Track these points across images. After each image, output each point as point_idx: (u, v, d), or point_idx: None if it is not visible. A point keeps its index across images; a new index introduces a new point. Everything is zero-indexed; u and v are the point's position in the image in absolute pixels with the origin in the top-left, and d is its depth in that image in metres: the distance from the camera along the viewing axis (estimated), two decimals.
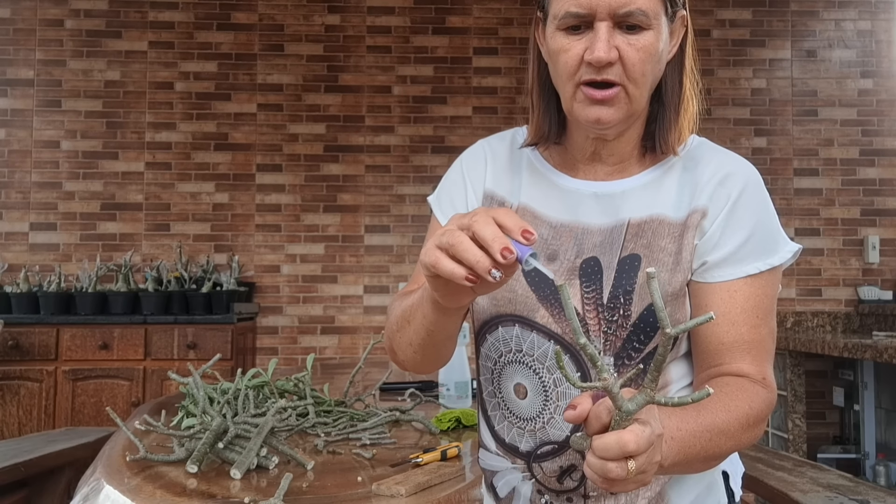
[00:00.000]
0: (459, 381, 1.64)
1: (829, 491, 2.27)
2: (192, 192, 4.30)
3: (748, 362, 0.90)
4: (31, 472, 2.34)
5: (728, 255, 0.91)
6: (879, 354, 2.98)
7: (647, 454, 0.68)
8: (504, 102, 4.39)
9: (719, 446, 0.83)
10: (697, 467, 0.86)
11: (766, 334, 0.92)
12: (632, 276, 0.90)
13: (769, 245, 0.92)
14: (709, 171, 0.94)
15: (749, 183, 0.94)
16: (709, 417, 0.83)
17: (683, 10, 0.93)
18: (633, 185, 0.95)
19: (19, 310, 3.79)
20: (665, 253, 0.91)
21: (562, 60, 0.89)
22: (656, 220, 0.93)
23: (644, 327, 0.90)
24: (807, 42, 4.46)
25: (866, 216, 4.37)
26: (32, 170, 4.27)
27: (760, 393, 0.89)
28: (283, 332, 4.28)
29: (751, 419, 0.86)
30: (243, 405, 1.26)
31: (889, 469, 3.58)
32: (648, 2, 0.85)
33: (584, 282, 0.91)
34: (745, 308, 0.91)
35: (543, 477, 0.96)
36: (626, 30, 0.86)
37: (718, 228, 0.92)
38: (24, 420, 3.63)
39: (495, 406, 1.00)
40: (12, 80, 4.29)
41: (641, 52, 0.86)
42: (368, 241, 4.33)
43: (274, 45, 4.37)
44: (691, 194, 0.93)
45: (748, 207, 0.93)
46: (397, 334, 0.96)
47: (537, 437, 0.96)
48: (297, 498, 0.93)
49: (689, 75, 0.97)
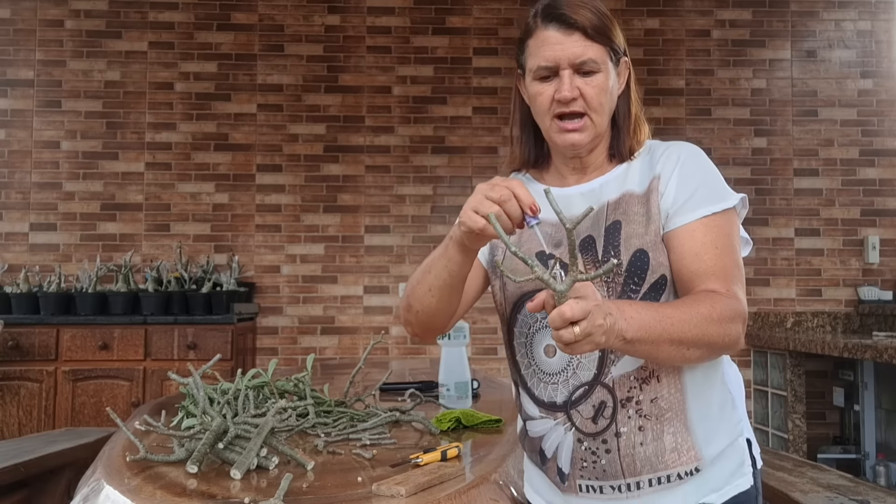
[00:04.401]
0: (459, 381, 1.64)
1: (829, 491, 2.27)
2: (192, 192, 4.30)
3: (715, 283, 1.10)
4: (31, 472, 2.34)
5: (683, 203, 1.15)
6: (879, 354, 2.98)
7: (588, 320, 0.91)
8: (504, 103, 4.39)
9: (683, 332, 1.03)
10: (667, 350, 1.04)
11: (730, 263, 1.13)
12: (616, 237, 1.16)
13: (718, 195, 1.17)
14: (659, 151, 1.22)
15: (691, 151, 1.22)
16: (669, 307, 1.05)
17: (626, 56, 1.23)
18: (608, 179, 1.24)
19: (19, 310, 3.79)
20: (638, 215, 1.17)
21: (538, 101, 1.20)
22: (627, 195, 1.20)
23: (635, 269, 1.14)
24: (807, 42, 4.46)
25: (866, 216, 4.37)
26: (32, 170, 4.27)
27: (723, 300, 1.08)
28: (283, 332, 4.28)
29: (714, 314, 1.05)
30: (243, 405, 1.26)
31: (889, 469, 3.58)
32: (597, 53, 1.17)
33: (583, 253, 1.18)
34: (705, 242, 1.13)
35: (581, 421, 1.16)
36: (583, 74, 1.17)
37: (672, 185, 1.17)
38: (24, 420, 3.63)
39: (531, 374, 1.23)
40: (12, 80, 4.29)
41: (596, 88, 1.17)
42: (368, 241, 4.33)
43: (274, 45, 4.37)
44: (650, 170, 1.21)
45: (693, 166, 1.19)
46: (417, 287, 1.23)
47: (570, 384, 1.18)
48: (297, 498, 0.93)
49: (635, 103, 1.27)
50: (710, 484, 1.16)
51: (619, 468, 1.14)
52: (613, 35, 1.19)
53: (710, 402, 1.18)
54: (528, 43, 1.21)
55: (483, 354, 4.27)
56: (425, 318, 1.26)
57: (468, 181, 4.35)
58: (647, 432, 1.14)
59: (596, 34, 1.16)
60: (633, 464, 1.14)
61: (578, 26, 1.15)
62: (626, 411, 1.14)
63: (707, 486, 1.16)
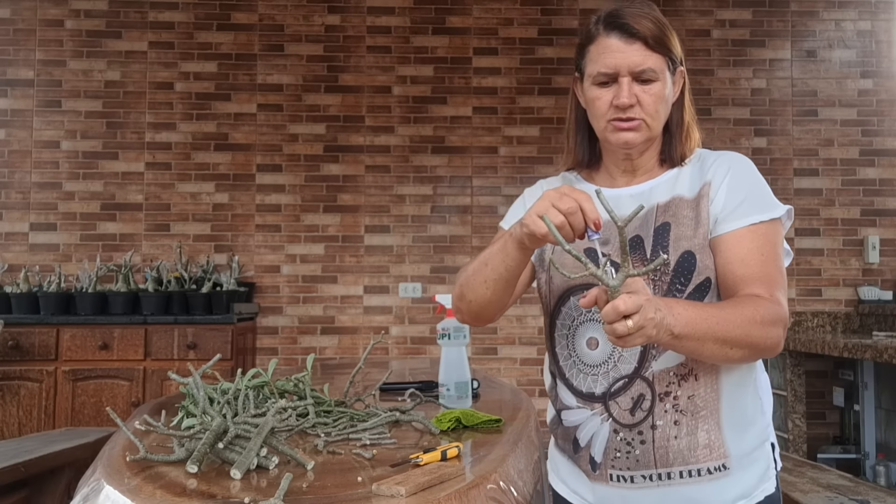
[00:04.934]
0: (459, 381, 1.63)
1: (829, 491, 2.27)
2: (192, 192, 4.30)
3: (759, 288, 1.15)
4: (31, 472, 2.34)
5: (731, 210, 1.20)
6: (879, 354, 2.98)
7: (640, 313, 0.96)
8: (504, 102, 4.39)
9: (727, 331, 1.07)
10: (711, 348, 1.08)
11: (774, 270, 1.18)
12: (665, 238, 1.21)
13: (765, 204, 1.21)
14: (711, 160, 1.28)
15: (742, 161, 1.27)
16: (715, 308, 1.10)
17: (682, 66, 1.28)
18: (658, 182, 1.29)
19: (19, 310, 3.79)
20: (687, 218, 1.22)
21: (596, 105, 1.25)
22: (676, 199, 1.25)
23: (682, 270, 1.20)
24: (807, 42, 4.46)
25: (866, 216, 4.37)
26: (32, 170, 4.28)
27: (766, 304, 1.12)
28: (283, 332, 4.29)
29: (757, 317, 1.10)
30: (243, 405, 1.26)
31: (889, 469, 3.58)
32: (657, 62, 1.21)
33: (631, 252, 1.22)
34: (752, 249, 1.18)
35: (619, 412, 1.22)
36: (641, 82, 1.21)
37: (722, 192, 1.22)
38: (24, 420, 3.63)
39: (571, 365, 1.29)
40: (12, 80, 4.29)
41: (653, 96, 1.22)
42: (368, 241, 4.33)
43: (274, 45, 4.37)
44: (700, 177, 1.26)
45: (743, 175, 1.24)
46: (473, 278, 1.28)
47: (610, 376, 1.23)
48: (297, 498, 0.93)
49: (688, 111, 1.31)
50: (738, 486, 1.21)
51: (652, 459, 1.20)
52: (672, 45, 1.24)
53: (742, 404, 1.23)
54: (588, 49, 1.26)
55: (483, 354, 4.27)
56: (477, 308, 1.31)
57: (468, 181, 4.35)
58: (681, 427, 1.19)
59: (656, 44, 1.21)
60: (666, 455, 1.19)
61: (640, 36, 1.20)
62: (664, 405, 1.20)
63: (735, 488, 1.21)
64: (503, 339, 4.29)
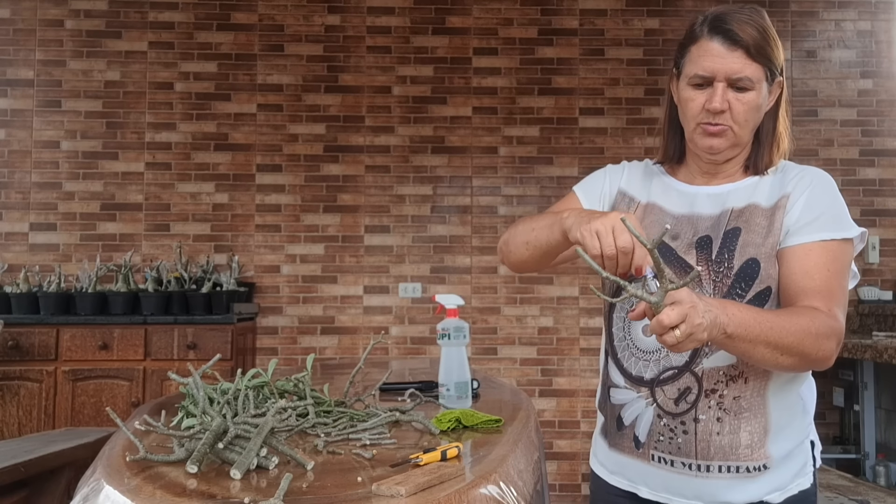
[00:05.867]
0: (459, 381, 1.63)
1: (829, 491, 2.27)
2: (192, 192, 4.30)
3: (818, 301, 1.16)
4: (31, 472, 2.34)
5: (805, 224, 1.21)
6: (879, 355, 2.98)
7: (686, 322, 0.98)
8: (504, 103, 4.39)
9: (780, 337, 1.09)
10: (762, 352, 1.10)
11: (836, 287, 1.19)
12: (734, 242, 1.23)
13: (840, 223, 1.23)
14: (793, 173, 1.30)
15: (824, 178, 1.29)
16: (771, 313, 1.12)
17: (781, 76, 1.29)
18: (736, 187, 1.31)
19: (19, 310, 3.79)
20: (759, 227, 1.24)
21: (689, 106, 1.26)
22: (752, 206, 1.26)
23: (744, 276, 1.21)
24: (807, 42, 4.46)
25: (866, 216, 4.36)
26: (32, 170, 4.27)
27: (822, 317, 1.14)
28: (283, 332, 4.29)
29: (812, 328, 1.11)
30: (243, 405, 1.26)
31: (889, 469, 3.58)
32: (755, 72, 1.22)
33: (699, 250, 1.26)
34: (818, 264, 1.19)
35: (664, 400, 1.25)
36: (736, 89, 1.22)
37: (799, 205, 1.23)
38: (24, 420, 3.63)
39: (624, 348, 1.33)
40: (12, 80, 4.29)
41: (746, 105, 1.23)
42: (368, 241, 4.33)
43: (274, 45, 4.37)
44: (780, 188, 1.27)
45: (823, 192, 1.26)
46: (518, 236, 1.35)
47: (661, 364, 1.27)
48: (297, 498, 0.93)
49: (781, 122, 1.34)
50: (774, 482, 1.24)
51: (693, 449, 1.23)
52: (774, 56, 1.24)
53: (787, 409, 1.26)
54: (690, 49, 1.26)
55: (483, 354, 4.27)
56: (516, 261, 1.39)
57: (468, 181, 4.35)
58: (724, 424, 1.22)
59: (757, 54, 1.21)
60: (708, 449, 1.22)
61: (742, 44, 1.20)
62: (709, 401, 1.23)
63: (772, 484, 1.24)
64: (503, 339, 4.29)
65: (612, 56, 4.42)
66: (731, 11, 1.23)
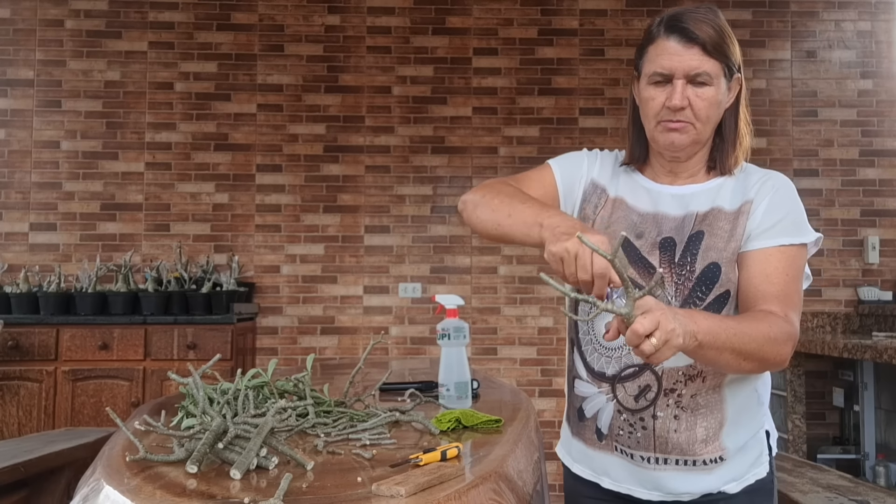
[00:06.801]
0: (459, 381, 1.63)
1: (829, 491, 2.27)
2: (192, 192, 4.30)
3: (775, 306, 1.19)
4: (31, 472, 2.34)
5: (766, 229, 1.24)
6: (879, 355, 2.98)
7: (660, 329, 0.98)
8: (504, 103, 4.39)
9: (744, 343, 1.11)
10: (728, 358, 1.12)
11: (793, 291, 1.22)
12: (696, 246, 1.26)
13: (798, 229, 1.26)
14: (756, 177, 1.32)
15: (786, 184, 1.32)
16: (733, 321, 1.15)
17: (739, 73, 1.30)
18: (701, 189, 1.32)
19: (19, 310, 3.79)
20: (722, 230, 1.26)
21: (650, 105, 1.28)
22: (716, 210, 1.29)
23: (705, 280, 1.24)
24: (807, 43, 4.46)
25: (866, 217, 4.37)
26: (32, 170, 4.28)
27: (780, 322, 1.17)
28: (282, 332, 4.29)
29: (771, 334, 1.14)
30: (243, 405, 1.26)
31: (889, 470, 3.58)
32: (713, 67, 1.23)
33: (661, 251, 1.28)
34: (778, 268, 1.22)
35: (624, 396, 1.28)
36: (695, 85, 1.24)
37: (761, 211, 1.26)
38: (24, 420, 3.63)
39: (588, 341, 1.35)
40: (12, 80, 4.29)
41: (705, 100, 1.24)
42: (368, 241, 4.33)
43: (274, 45, 4.37)
44: (743, 193, 1.29)
45: (785, 197, 1.28)
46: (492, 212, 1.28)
47: (622, 361, 1.29)
48: (297, 498, 0.93)
49: (742, 118, 1.33)
50: (731, 473, 1.28)
51: (651, 443, 1.27)
52: (730, 52, 1.27)
53: (741, 404, 1.30)
54: (647, 49, 1.29)
55: (483, 354, 4.27)
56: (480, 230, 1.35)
57: (468, 181, 4.35)
58: (681, 422, 1.26)
59: (714, 50, 1.24)
60: (665, 444, 1.26)
61: (699, 41, 1.23)
62: (667, 400, 1.26)
63: (728, 475, 1.28)
64: (503, 340, 4.29)
65: (612, 56, 4.42)
66: (687, 11, 1.26)
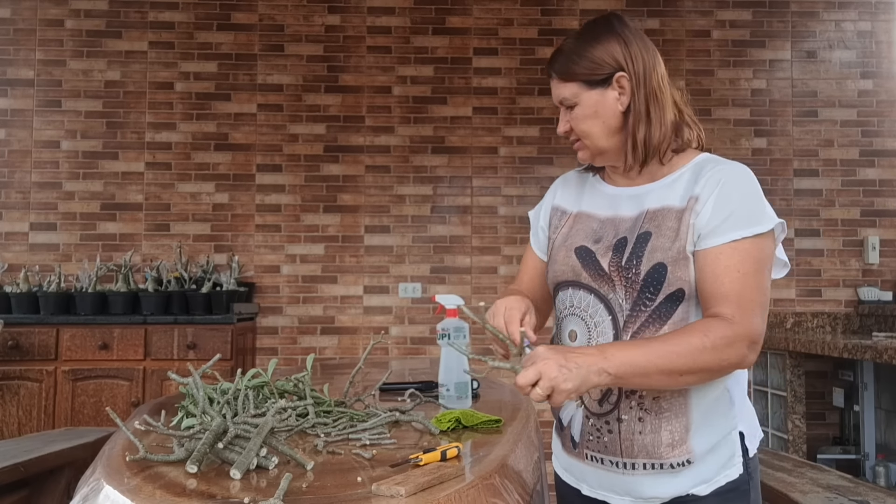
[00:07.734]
0: (459, 381, 1.63)
1: (828, 492, 2.27)
2: (192, 192, 4.30)
3: (726, 308, 1.17)
4: (31, 472, 2.34)
5: (715, 226, 1.21)
6: (879, 355, 2.98)
7: (544, 378, 1.07)
8: (504, 103, 4.39)
9: (671, 362, 1.13)
10: (659, 380, 1.15)
11: (750, 287, 1.18)
12: (643, 247, 1.25)
13: (752, 218, 1.21)
14: (706, 170, 1.28)
15: (736, 174, 1.26)
16: (658, 342, 1.16)
17: (621, 72, 1.28)
18: (655, 187, 1.32)
19: (19, 310, 3.79)
20: (668, 229, 1.24)
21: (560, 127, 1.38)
22: (665, 208, 1.27)
23: (652, 281, 1.23)
24: (807, 43, 4.46)
25: (866, 217, 4.37)
26: (32, 170, 4.27)
27: (720, 326, 1.15)
28: (282, 332, 4.29)
29: (706, 343, 1.14)
30: (243, 405, 1.26)
31: (889, 470, 3.58)
32: (569, 90, 1.31)
33: (613, 253, 1.28)
34: (728, 267, 1.19)
35: (589, 402, 1.30)
36: (570, 108, 1.33)
37: (709, 207, 1.23)
38: (24, 420, 3.63)
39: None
40: (12, 80, 4.29)
41: (577, 119, 1.32)
42: (368, 241, 4.33)
43: (274, 45, 4.37)
44: (691, 188, 1.27)
45: (732, 189, 1.23)
46: None
47: None
48: (297, 498, 0.93)
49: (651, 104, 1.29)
50: (700, 476, 1.25)
51: (618, 448, 1.27)
52: (582, 66, 1.31)
53: (709, 406, 1.26)
54: None
55: (483, 354, 4.26)
56: None
57: (468, 181, 4.35)
58: (646, 424, 1.25)
59: (566, 76, 1.32)
60: (632, 447, 1.26)
61: (555, 73, 1.34)
62: (630, 402, 1.26)
63: (697, 477, 1.25)
64: None
65: None
66: (560, 45, 1.35)
